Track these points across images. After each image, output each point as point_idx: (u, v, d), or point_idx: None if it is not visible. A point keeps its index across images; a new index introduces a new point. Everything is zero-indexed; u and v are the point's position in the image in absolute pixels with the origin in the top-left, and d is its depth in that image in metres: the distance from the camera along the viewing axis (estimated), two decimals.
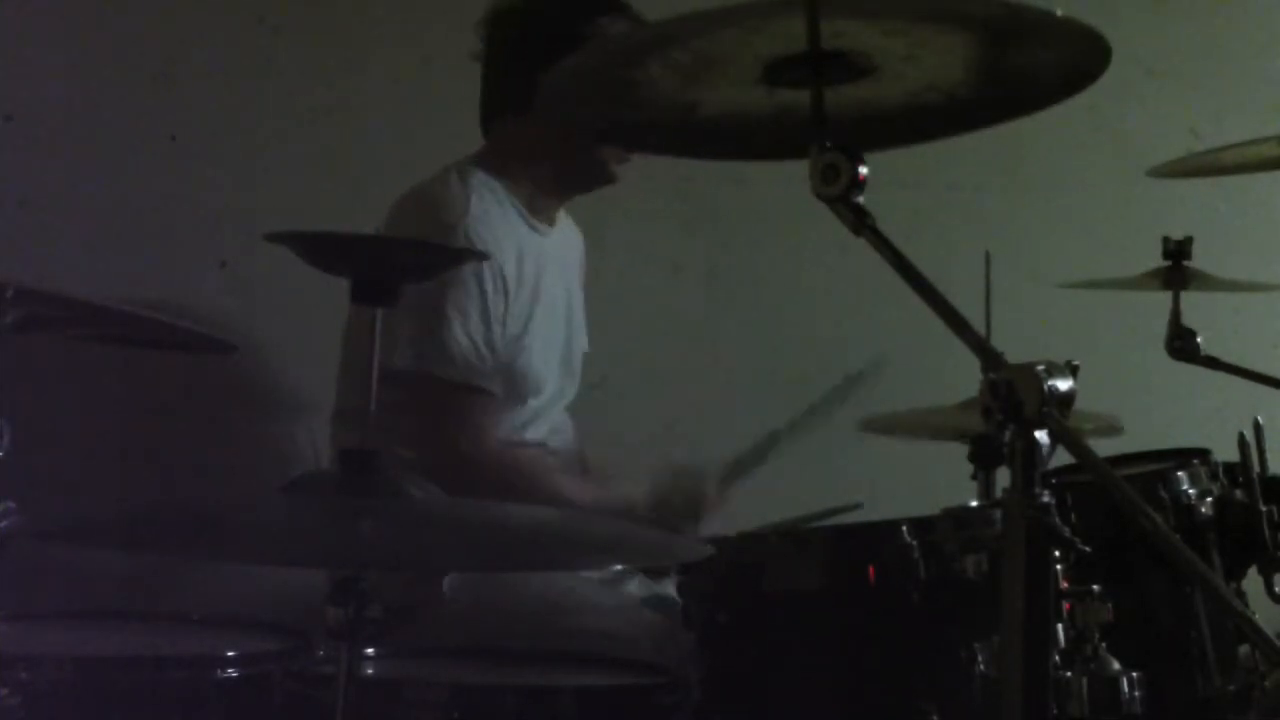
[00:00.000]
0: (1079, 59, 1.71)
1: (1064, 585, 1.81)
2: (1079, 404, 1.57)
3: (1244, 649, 2.28)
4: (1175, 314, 2.75)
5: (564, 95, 1.87)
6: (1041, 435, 1.55)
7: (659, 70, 1.76)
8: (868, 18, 1.68)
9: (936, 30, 1.69)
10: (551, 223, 3.04)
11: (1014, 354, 1.58)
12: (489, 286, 2.83)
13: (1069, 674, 1.77)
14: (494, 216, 2.88)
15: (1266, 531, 2.31)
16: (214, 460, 3.21)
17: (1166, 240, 2.74)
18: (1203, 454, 2.42)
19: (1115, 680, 1.79)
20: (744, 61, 1.74)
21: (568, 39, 2.80)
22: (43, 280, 1.92)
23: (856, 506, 2.82)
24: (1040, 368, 1.55)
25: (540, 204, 3.00)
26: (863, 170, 1.65)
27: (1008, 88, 1.82)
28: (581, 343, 3.15)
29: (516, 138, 2.96)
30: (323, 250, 1.88)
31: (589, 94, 1.85)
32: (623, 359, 3.38)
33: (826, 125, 1.67)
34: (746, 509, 3.16)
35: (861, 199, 1.65)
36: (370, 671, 2.15)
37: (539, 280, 2.95)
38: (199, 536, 1.78)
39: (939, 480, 2.59)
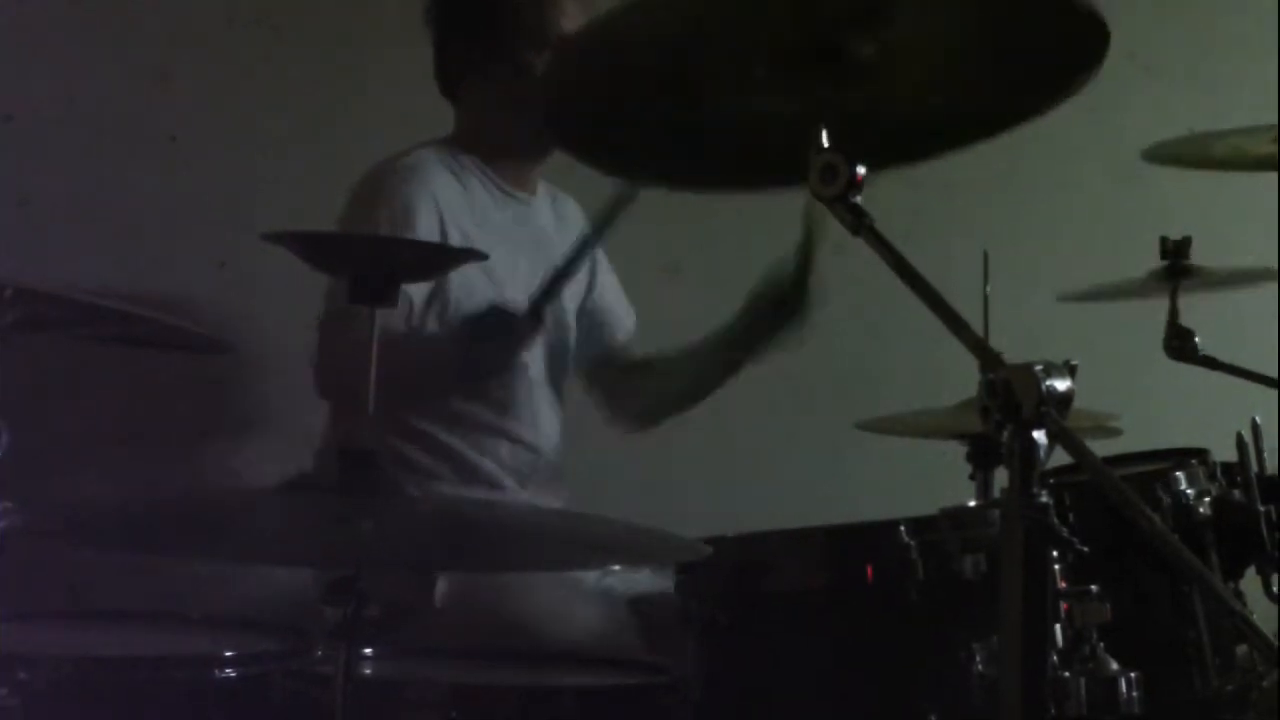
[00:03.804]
0: (1078, 44, 1.71)
1: (1062, 585, 1.82)
2: (1077, 404, 1.57)
3: (1242, 649, 2.28)
4: (1173, 314, 2.75)
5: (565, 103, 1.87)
6: (1039, 435, 1.55)
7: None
8: None
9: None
10: (530, 190, 3.03)
11: (1012, 354, 1.58)
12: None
13: (1067, 674, 1.77)
14: (441, 195, 2.86)
15: (1264, 531, 2.31)
16: (214, 460, 3.21)
17: (1164, 240, 2.74)
18: (1201, 454, 2.42)
19: (1113, 680, 1.80)
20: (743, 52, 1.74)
21: None
22: (43, 280, 1.92)
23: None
24: (1038, 368, 1.55)
25: (514, 171, 2.99)
26: (861, 171, 1.65)
27: (1008, 81, 1.82)
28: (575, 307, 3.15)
29: (475, 103, 2.97)
30: (323, 250, 1.88)
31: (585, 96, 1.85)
32: None
33: (824, 124, 1.68)
34: (747, 509, 3.17)
35: (860, 199, 1.66)
36: (369, 671, 2.15)
37: (516, 250, 2.93)
38: (199, 536, 1.78)
39: (937, 480, 2.59)
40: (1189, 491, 2.31)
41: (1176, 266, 2.73)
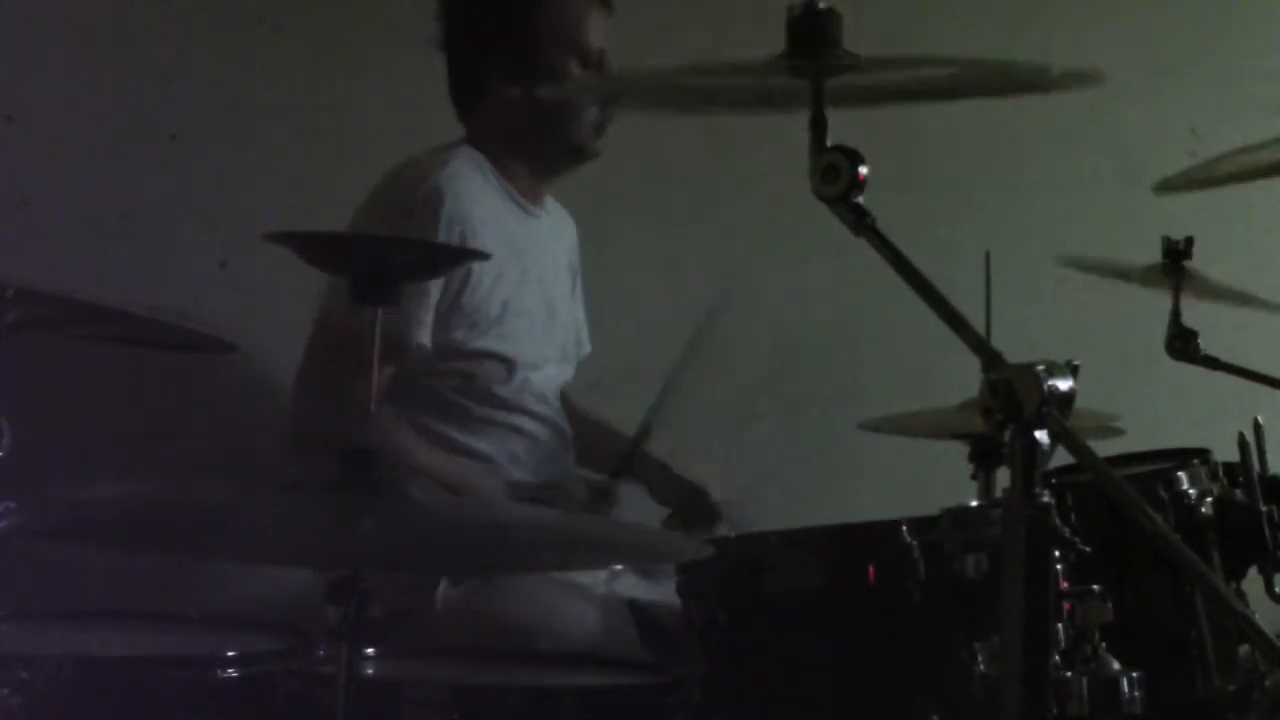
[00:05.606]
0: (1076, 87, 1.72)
1: (1064, 585, 1.82)
2: (1079, 404, 1.57)
3: (1244, 649, 2.28)
4: (1175, 314, 2.74)
5: None
6: (1041, 435, 1.55)
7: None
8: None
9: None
10: (540, 204, 3.04)
11: (1014, 354, 1.58)
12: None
13: (1069, 674, 1.77)
14: (474, 196, 2.87)
15: (1267, 531, 2.31)
16: (214, 460, 3.20)
17: (1167, 240, 2.74)
18: (1203, 454, 2.42)
19: (1115, 680, 1.80)
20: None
21: (523, 9, 2.89)
22: (43, 280, 1.92)
23: None
24: (1040, 368, 1.55)
25: (526, 184, 2.99)
26: (863, 170, 1.65)
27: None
28: (577, 325, 3.14)
29: (494, 118, 2.96)
30: (323, 250, 1.88)
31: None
32: (623, 359, 3.37)
33: (826, 127, 1.68)
34: (749, 509, 3.16)
35: (861, 199, 1.66)
36: (371, 672, 2.15)
37: (525, 261, 2.94)
38: (199, 536, 1.78)
39: (939, 480, 2.59)
40: (1191, 491, 2.31)
41: (1178, 266, 2.73)
